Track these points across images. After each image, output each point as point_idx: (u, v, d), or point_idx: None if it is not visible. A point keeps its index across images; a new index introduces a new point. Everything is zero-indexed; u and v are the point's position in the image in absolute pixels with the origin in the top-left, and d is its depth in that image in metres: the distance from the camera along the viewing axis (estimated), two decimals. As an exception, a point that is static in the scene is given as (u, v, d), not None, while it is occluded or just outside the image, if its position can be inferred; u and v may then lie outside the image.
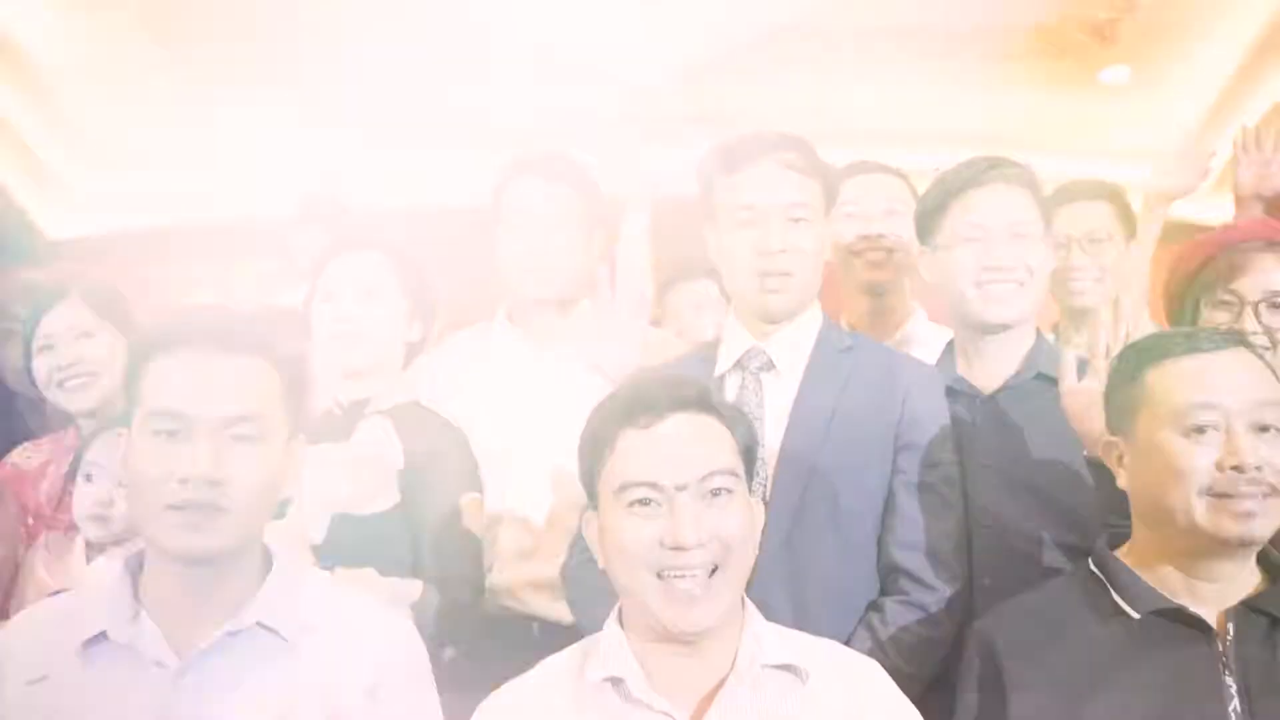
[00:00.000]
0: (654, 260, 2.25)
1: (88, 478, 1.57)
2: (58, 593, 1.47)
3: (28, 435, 1.98)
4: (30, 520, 1.67)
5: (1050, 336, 1.76)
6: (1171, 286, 1.69)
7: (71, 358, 1.80)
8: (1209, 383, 1.12)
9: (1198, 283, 1.63)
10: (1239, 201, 2.11)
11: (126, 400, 1.18)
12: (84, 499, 1.57)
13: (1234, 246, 1.63)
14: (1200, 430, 1.10)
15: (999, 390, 1.59)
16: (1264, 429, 1.08)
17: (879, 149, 5.84)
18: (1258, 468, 1.07)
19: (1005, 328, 1.59)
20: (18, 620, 1.22)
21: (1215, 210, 2.91)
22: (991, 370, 1.61)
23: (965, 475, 1.56)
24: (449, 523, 1.60)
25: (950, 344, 1.73)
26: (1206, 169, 2.15)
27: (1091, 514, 1.39)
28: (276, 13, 4.61)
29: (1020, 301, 1.58)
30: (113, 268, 6.00)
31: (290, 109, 5.43)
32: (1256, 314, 1.57)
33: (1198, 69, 5.03)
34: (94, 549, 1.58)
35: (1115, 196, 2.18)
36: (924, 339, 1.94)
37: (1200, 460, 1.09)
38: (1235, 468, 1.07)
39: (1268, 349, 1.55)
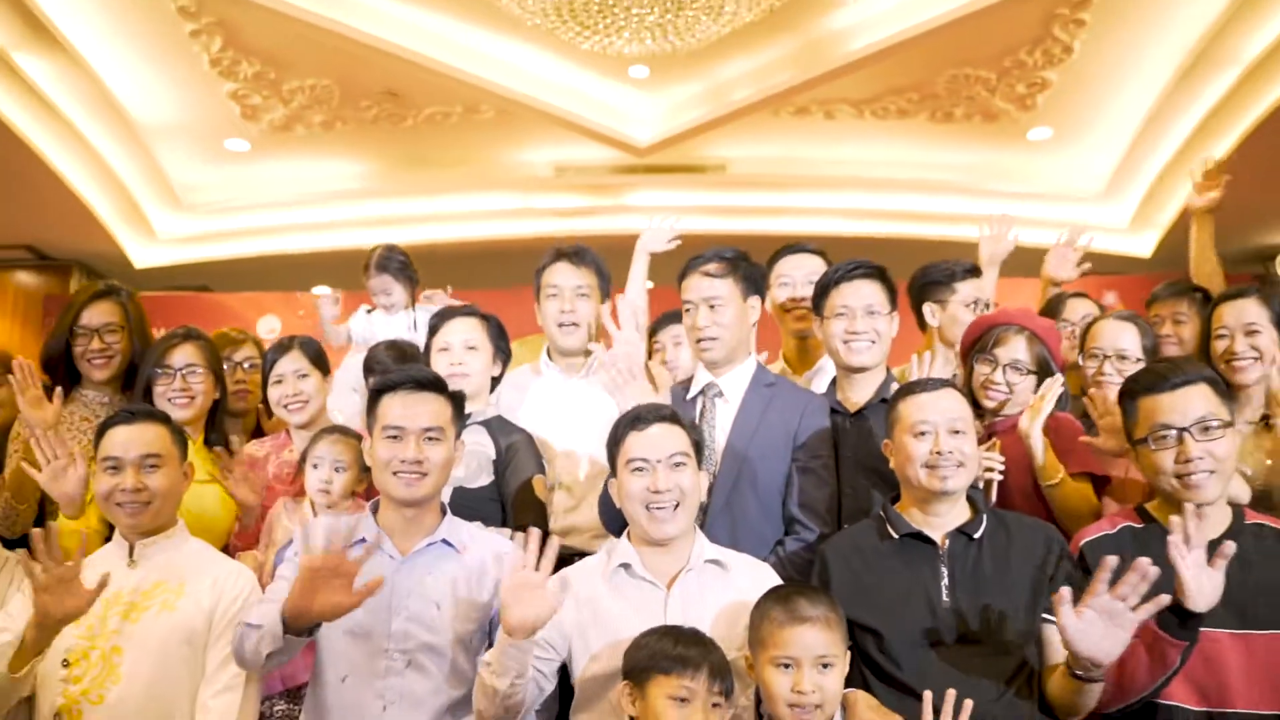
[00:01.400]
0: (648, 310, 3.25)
1: (315, 466, 2.48)
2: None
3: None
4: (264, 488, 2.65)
5: (895, 371, 2.74)
6: (962, 346, 2.65)
7: (292, 390, 2.72)
8: (926, 407, 2.04)
9: (976, 345, 2.54)
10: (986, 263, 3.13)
11: (367, 420, 2.16)
12: (313, 479, 2.48)
13: (998, 325, 2.55)
14: (921, 434, 2.02)
15: (860, 409, 2.49)
16: (955, 432, 2.02)
17: (852, 189, 6.84)
18: (950, 452, 2.00)
19: (863, 370, 2.51)
20: (315, 523, 2.11)
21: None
22: (856, 397, 2.52)
23: (838, 462, 2.46)
24: (524, 492, 2.53)
25: (834, 378, 2.70)
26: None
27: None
28: (339, 95, 5.60)
29: (872, 354, 2.49)
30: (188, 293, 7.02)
31: (338, 166, 6.44)
32: (1004, 373, 2.48)
33: (1106, 129, 6.00)
34: (318, 508, 2.51)
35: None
36: (829, 369, 2.83)
37: (921, 449, 2.01)
38: (937, 453, 2.00)
39: (1008, 397, 2.52)
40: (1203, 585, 1.75)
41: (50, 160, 5.57)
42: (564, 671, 2.06)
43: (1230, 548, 1.77)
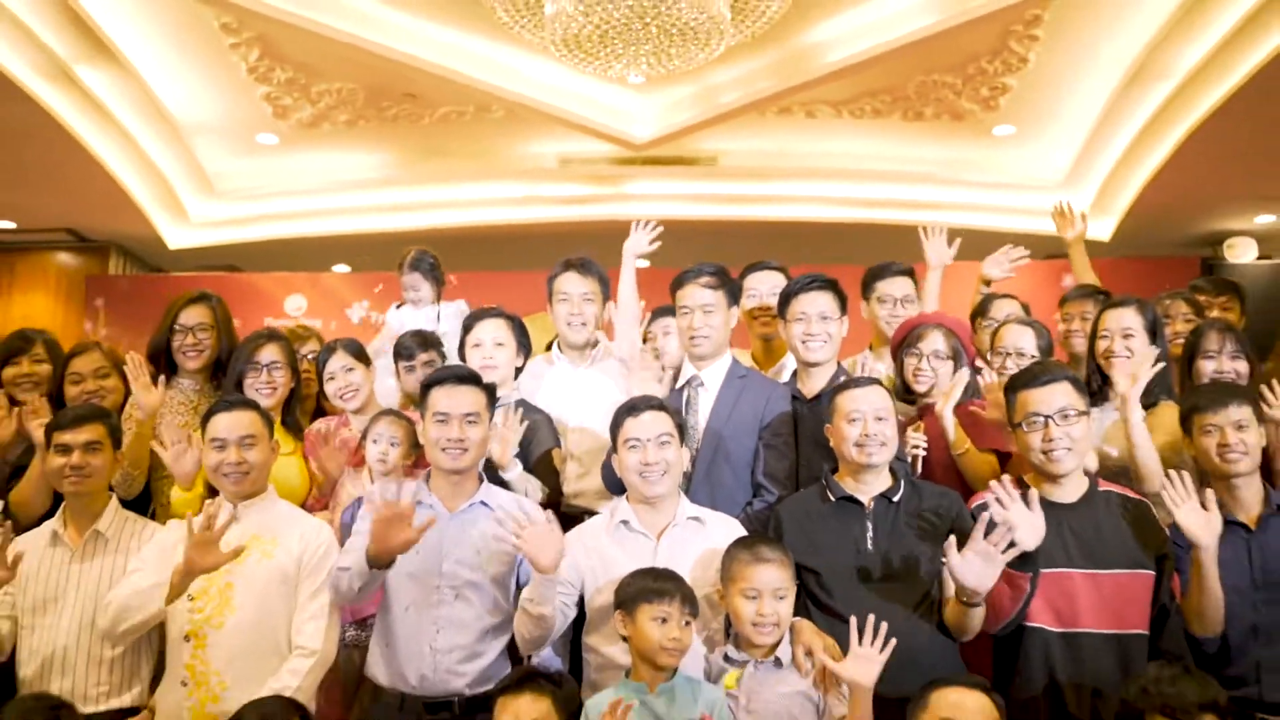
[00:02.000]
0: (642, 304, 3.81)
1: (374, 441, 3.05)
2: (358, 499, 3.02)
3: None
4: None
5: (845, 363, 3.31)
6: (892, 346, 3.22)
7: (344, 384, 3.30)
8: (857, 400, 2.59)
9: (903, 342, 3.13)
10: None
11: (420, 407, 2.73)
12: (372, 452, 3.05)
13: (919, 325, 3.12)
14: (853, 421, 2.58)
15: (815, 396, 3.05)
16: (880, 419, 2.58)
17: (832, 180, 7.36)
18: (875, 434, 2.55)
19: (818, 364, 3.07)
20: (383, 487, 2.61)
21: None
22: (812, 386, 3.07)
23: (797, 440, 3.04)
24: (543, 462, 3.11)
25: (795, 371, 3.27)
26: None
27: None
28: (363, 97, 6.09)
29: (825, 351, 3.04)
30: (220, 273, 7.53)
31: (359, 158, 6.95)
32: (928, 361, 3.07)
33: (1064, 126, 6.52)
34: (375, 476, 3.09)
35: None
36: (791, 364, 3.40)
37: (853, 432, 2.57)
38: (866, 435, 2.56)
39: (934, 380, 3.09)
40: (1028, 531, 2.34)
41: (94, 151, 6.05)
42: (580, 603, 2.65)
43: (1033, 494, 2.40)
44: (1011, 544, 2.33)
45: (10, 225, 7.43)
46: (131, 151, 6.33)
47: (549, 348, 3.76)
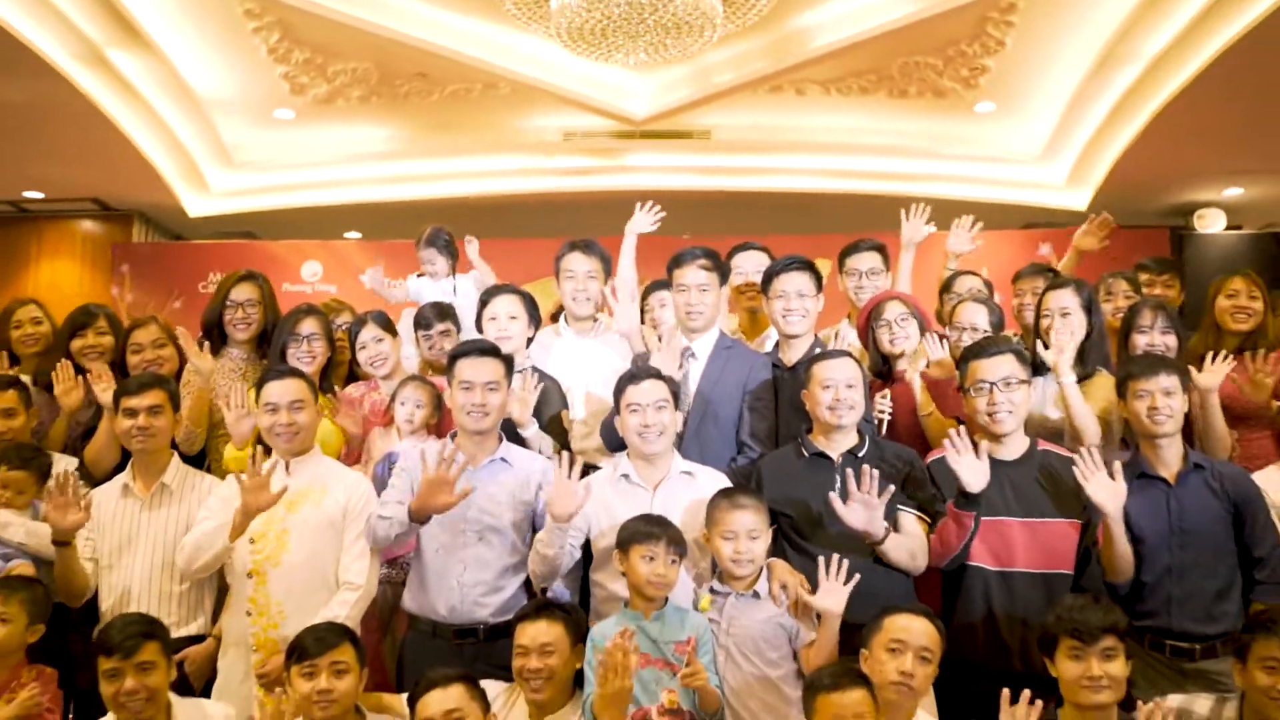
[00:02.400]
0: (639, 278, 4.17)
1: (402, 404, 3.42)
2: (389, 453, 3.41)
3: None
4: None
5: (820, 334, 3.67)
6: (860, 323, 3.60)
7: (374, 352, 3.67)
8: (830, 369, 2.96)
9: (870, 316, 3.50)
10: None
11: (447, 376, 3.10)
12: (400, 413, 3.42)
13: (882, 300, 3.50)
14: (826, 388, 2.94)
15: (793, 365, 3.43)
16: (850, 386, 2.95)
17: (821, 153, 7.72)
18: (844, 399, 2.92)
19: (797, 336, 3.43)
20: (429, 450, 2.98)
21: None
22: (792, 355, 3.41)
23: (777, 404, 3.42)
24: (553, 423, 3.49)
25: (777, 341, 3.64)
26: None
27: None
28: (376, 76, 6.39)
29: (802, 325, 3.39)
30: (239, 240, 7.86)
31: (371, 131, 7.24)
32: (894, 327, 3.44)
33: (1041, 103, 6.83)
34: (403, 435, 3.48)
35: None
36: (774, 335, 3.79)
37: (826, 397, 2.93)
38: (837, 400, 2.93)
39: (906, 339, 3.47)
40: (973, 477, 2.73)
41: (122, 126, 6.36)
42: (586, 545, 3.04)
43: (983, 445, 2.80)
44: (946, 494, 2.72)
45: (39, 195, 7.75)
46: (157, 126, 6.64)
47: (555, 318, 4.14)
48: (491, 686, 2.71)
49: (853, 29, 5.59)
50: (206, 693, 2.99)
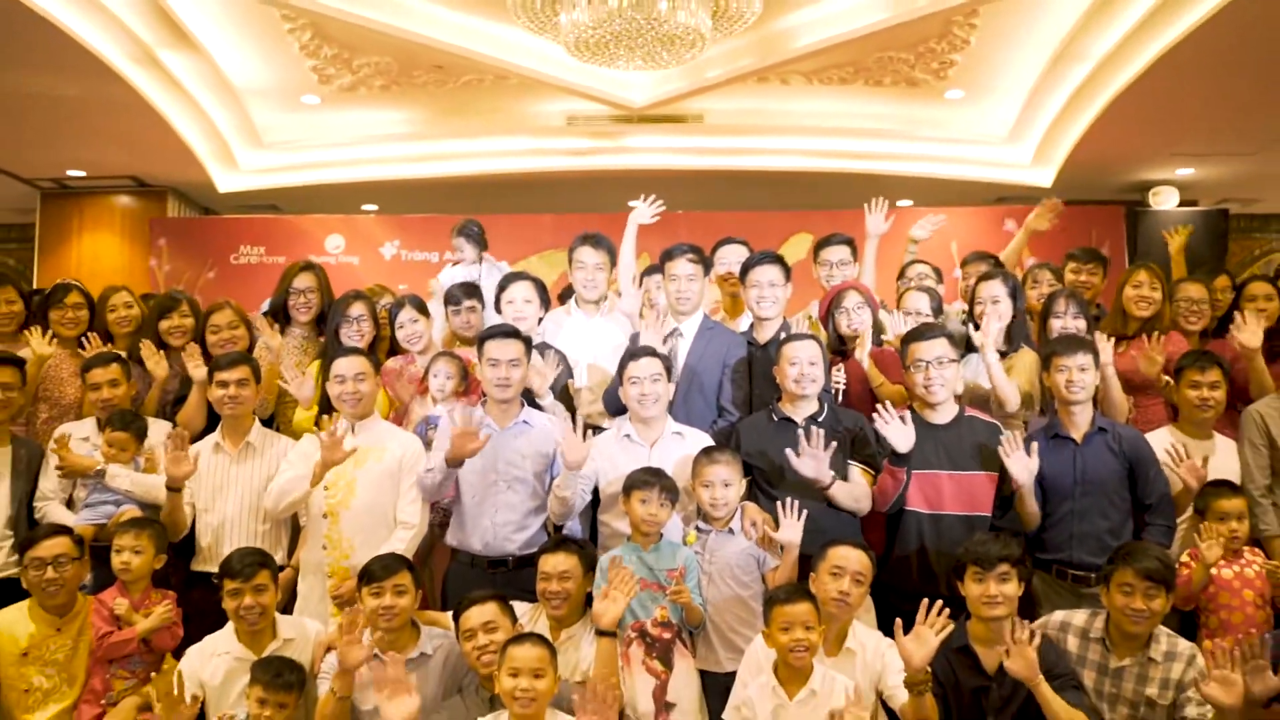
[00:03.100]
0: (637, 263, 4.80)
1: (435, 376, 4.04)
2: (429, 416, 4.05)
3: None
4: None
5: (793, 318, 4.31)
6: (821, 311, 4.23)
7: (411, 331, 4.28)
8: (796, 349, 3.57)
9: (830, 305, 4.14)
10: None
11: (477, 353, 3.74)
12: (434, 384, 4.03)
13: (840, 290, 4.13)
14: (793, 364, 3.55)
15: (767, 343, 4.07)
16: (812, 364, 3.58)
17: (805, 135, 8.35)
18: (807, 374, 3.57)
19: (768, 319, 4.07)
20: (462, 412, 3.61)
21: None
22: (764, 335, 4.05)
23: (751, 378, 4.07)
24: (563, 393, 4.15)
25: (752, 322, 4.27)
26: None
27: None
28: (397, 68, 6.92)
29: (773, 309, 4.03)
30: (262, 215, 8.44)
31: (390, 115, 7.79)
32: (851, 315, 4.07)
33: (1006, 91, 7.40)
34: (438, 402, 4.12)
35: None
36: (749, 318, 4.44)
37: (793, 372, 3.54)
38: (800, 374, 3.55)
39: (860, 325, 4.11)
40: (898, 439, 3.38)
41: (164, 113, 6.91)
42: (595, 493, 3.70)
43: (907, 414, 3.44)
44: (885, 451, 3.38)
45: (81, 174, 8.31)
46: (195, 113, 7.19)
47: (562, 299, 4.77)
48: (518, 606, 3.37)
49: (831, 30, 6.14)
50: (286, 612, 3.65)
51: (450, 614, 3.34)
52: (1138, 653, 3.09)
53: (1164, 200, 8.62)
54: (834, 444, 3.43)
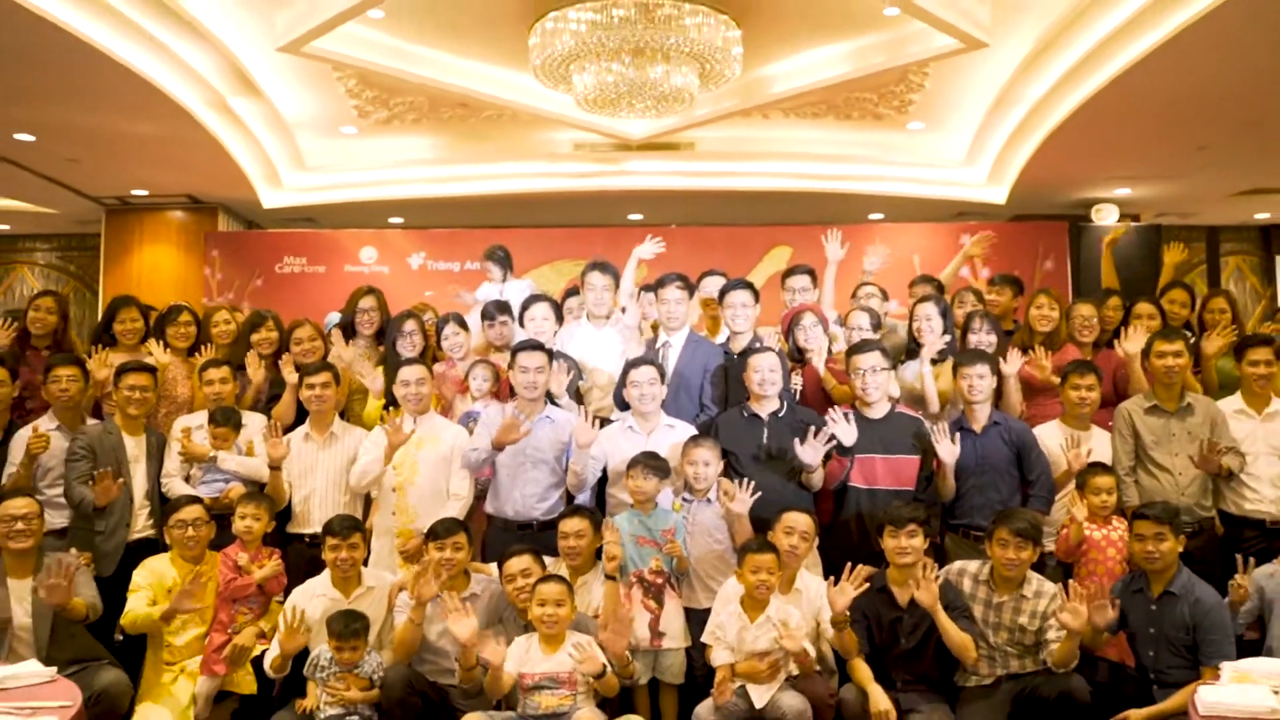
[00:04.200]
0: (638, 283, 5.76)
1: (474, 380, 4.99)
2: (469, 412, 5.00)
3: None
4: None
5: (764, 330, 5.26)
6: (783, 326, 5.18)
7: (453, 342, 5.21)
8: (759, 361, 4.52)
9: (790, 325, 5.08)
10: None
11: (509, 362, 4.69)
12: (473, 386, 4.98)
13: (797, 312, 5.08)
14: (756, 371, 4.51)
15: (739, 353, 5.03)
16: (772, 370, 4.55)
17: (784, 160, 9.44)
18: (767, 380, 4.51)
19: (741, 333, 5.00)
20: (503, 409, 4.64)
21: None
22: (738, 346, 4.96)
23: (727, 381, 4.99)
24: (576, 392, 5.11)
25: (729, 336, 5.21)
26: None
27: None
28: (427, 106, 7.85)
29: (745, 325, 4.95)
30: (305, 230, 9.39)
31: (418, 142, 8.72)
32: (804, 333, 5.02)
33: (961, 122, 8.34)
34: (476, 400, 5.06)
35: None
36: (726, 333, 5.38)
37: (756, 378, 4.50)
38: (762, 380, 4.53)
39: (811, 349, 5.06)
40: (844, 435, 4.34)
41: (226, 145, 7.87)
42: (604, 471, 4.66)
43: (851, 416, 4.40)
44: (833, 439, 4.34)
45: (143, 192, 9.25)
46: (251, 144, 8.12)
47: (565, 297, 5.71)
48: (546, 559, 4.33)
49: (803, 80, 7.09)
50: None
51: (493, 565, 4.31)
52: (1014, 591, 4.06)
53: (1105, 216, 9.55)
54: (832, 439, 4.38)
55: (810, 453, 4.36)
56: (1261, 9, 5.23)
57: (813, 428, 4.38)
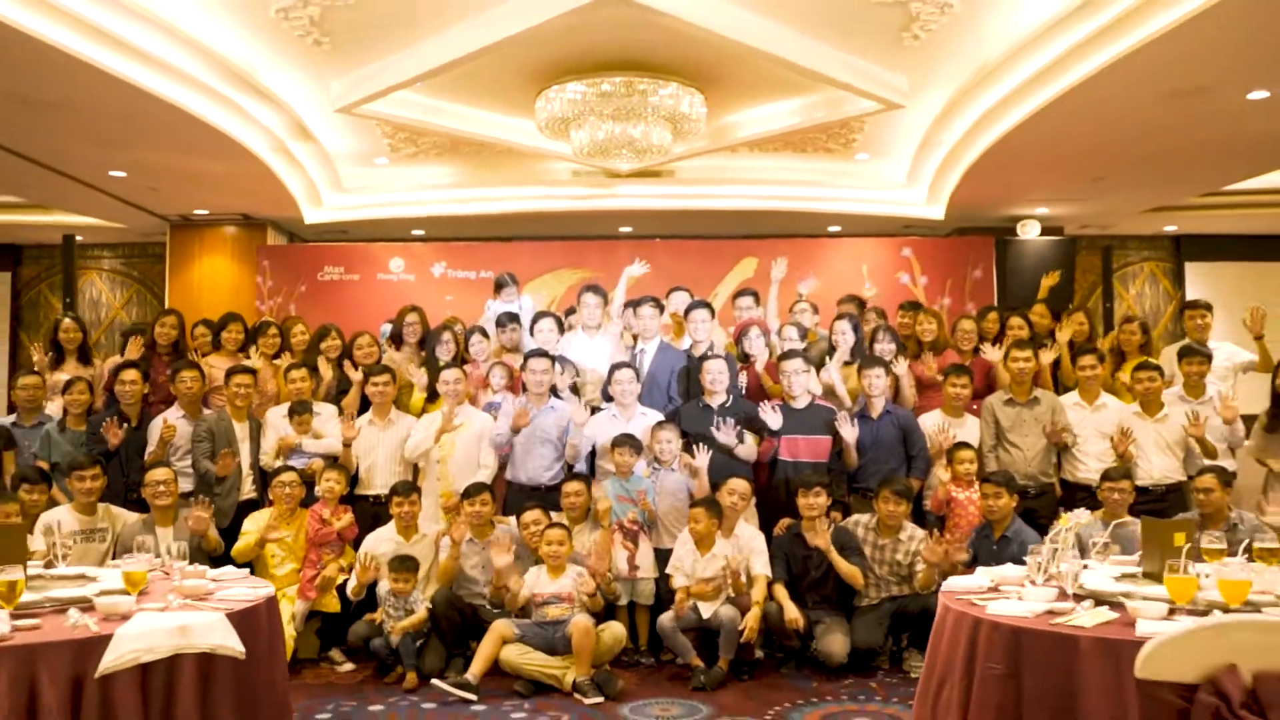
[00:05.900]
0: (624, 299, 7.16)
1: (494, 377, 6.38)
2: (491, 402, 6.40)
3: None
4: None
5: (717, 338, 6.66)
6: (734, 333, 6.59)
7: (479, 349, 6.59)
8: (710, 365, 5.95)
9: (740, 331, 6.49)
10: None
11: (523, 366, 6.10)
12: (495, 381, 6.37)
13: (743, 326, 6.49)
14: (708, 373, 5.94)
15: (699, 358, 6.43)
16: (721, 372, 5.96)
17: (750, 184, 10.90)
18: (717, 379, 5.96)
19: (701, 342, 6.43)
20: (515, 400, 6.07)
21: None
22: (698, 352, 6.37)
23: (688, 379, 6.42)
24: (574, 388, 6.51)
25: (691, 343, 6.61)
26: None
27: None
28: (449, 142, 9.20)
29: (704, 335, 6.38)
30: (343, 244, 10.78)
31: (439, 169, 10.07)
32: (750, 342, 6.42)
33: (900, 153, 9.69)
34: (496, 393, 6.46)
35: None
36: (689, 341, 6.78)
37: (708, 378, 5.93)
38: (713, 380, 5.93)
39: (753, 355, 6.46)
40: (772, 422, 5.77)
41: (278, 174, 9.23)
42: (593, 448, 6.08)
43: (778, 406, 5.82)
44: (765, 426, 5.77)
45: (204, 212, 10.61)
46: (300, 174, 9.48)
47: (567, 314, 7.13)
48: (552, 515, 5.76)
49: (762, 127, 8.45)
50: (412, 519, 6.01)
51: (512, 517, 5.74)
52: (893, 536, 5.49)
53: (1029, 231, 10.91)
54: (738, 426, 5.79)
55: (723, 436, 5.76)
56: (1139, 75, 6.28)
57: (728, 422, 5.77)
